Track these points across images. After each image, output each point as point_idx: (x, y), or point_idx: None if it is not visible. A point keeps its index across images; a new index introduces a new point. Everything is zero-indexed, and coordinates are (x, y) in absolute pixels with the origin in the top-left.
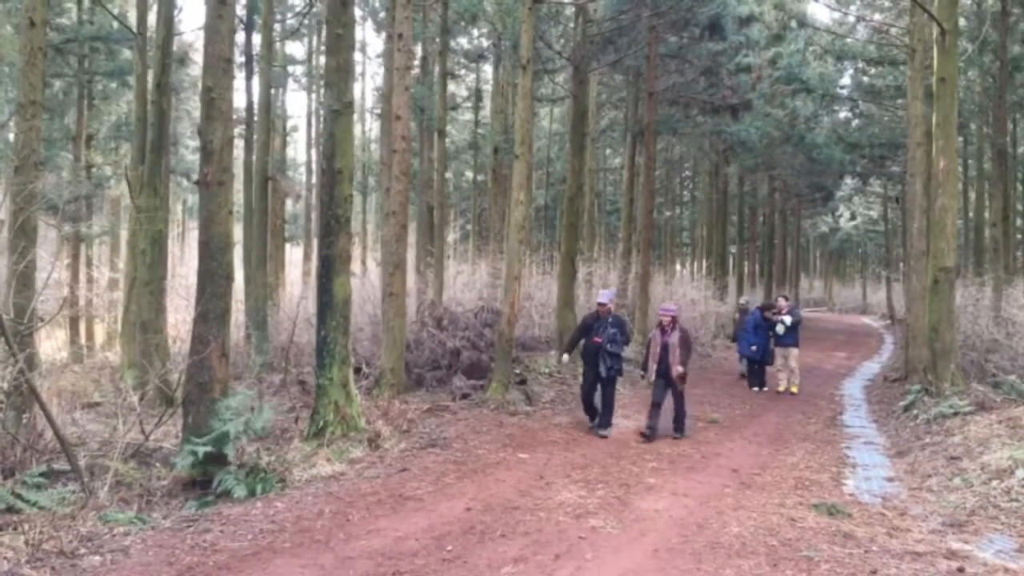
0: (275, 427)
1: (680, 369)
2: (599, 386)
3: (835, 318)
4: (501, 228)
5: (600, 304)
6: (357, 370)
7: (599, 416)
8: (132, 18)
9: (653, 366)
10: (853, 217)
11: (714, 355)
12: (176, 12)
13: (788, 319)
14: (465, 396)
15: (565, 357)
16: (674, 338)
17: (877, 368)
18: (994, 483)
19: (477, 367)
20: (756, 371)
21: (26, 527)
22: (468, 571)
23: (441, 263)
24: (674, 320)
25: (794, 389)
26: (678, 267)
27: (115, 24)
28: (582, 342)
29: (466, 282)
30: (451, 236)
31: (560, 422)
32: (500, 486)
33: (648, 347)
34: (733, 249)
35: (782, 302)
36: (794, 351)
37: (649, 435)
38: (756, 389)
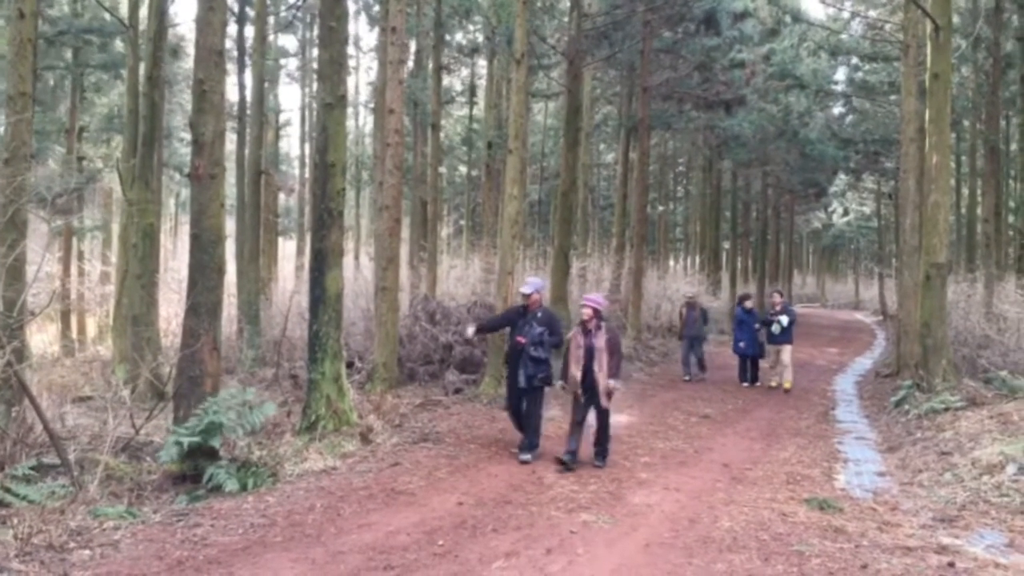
0: (267, 421)
1: (610, 384)
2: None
3: (828, 314)
4: (495, 223)
5: (524, 295)
6: (349, 364)
7: (523, 435)
8: (124, 10)
9: (576, 374)
10: (846, 213)
11: (705, 350)
12: (168, 4)
13: (785, 319)
14: (458, 391)
15: (470, 331)
16: (600, 340)
17: (869, 364)
18: (985, 478)
19: (470, 362)
20: (748, 366)
21: (15, 521)
22: (459, 566)
23: (434, 258)
24: (597, 316)
25: (787, 385)
26: (671, 262)
27: (107, 16)
28: (506, 345)
29: (459, 277)
30: (444, 231)
31: (552, 416)
32: (492, 480)
33: (567, 350)
34: (727, 244)
35: (776, 298)
36: (787, 347)
37: (568, 462)
38: (747, 384)
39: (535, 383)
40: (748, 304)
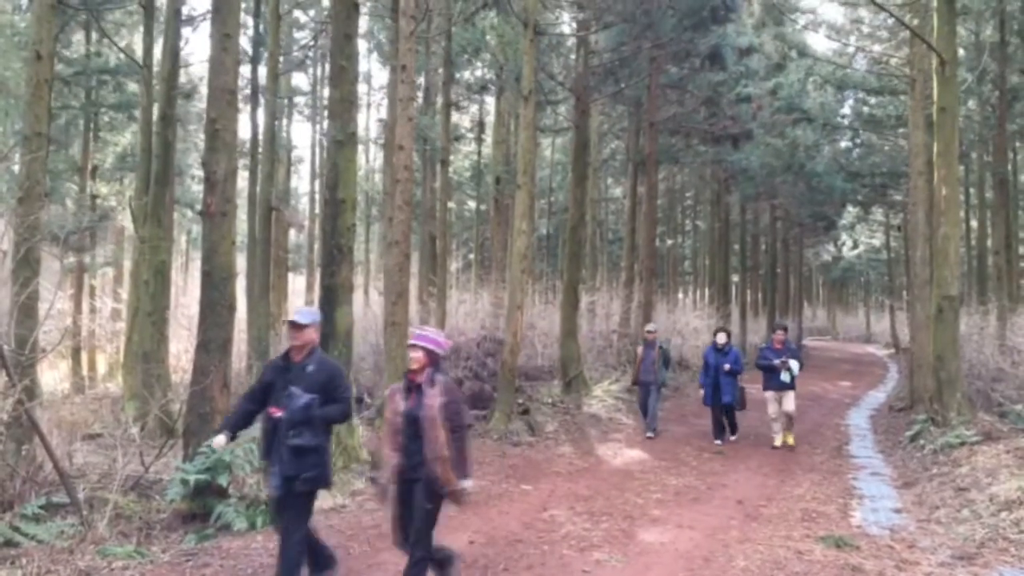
0: None
1: (459, 485)
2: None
3: (839, 347)
4: (503, 257)
5: (295, 327)
6: (359, 400)
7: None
8: (139, 51)
9: (392, 459)
10: (856, 246)
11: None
12: (182, 45)
13: (795, 365)
14: (468, 426)
15: (220, 440)
16: (431, 403)
17: (882, 397)
18: (1003, 514)
19: (480, 397)
20: (721, 421)
21: (24, 561)
22: None
23: (443, 292)
24: (431, 363)
25: (790, 440)
26: (681, 296)
27: (121, 57)
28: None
29: (468, 311)
30: (453, 265)
31: (563, 452)
32: (503, 518)
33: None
34: (736, 278)
35: (780, 335)
36: (790, 394)
37: None
38: (720, 442)
39: (297, 488)
40: (721, 339)
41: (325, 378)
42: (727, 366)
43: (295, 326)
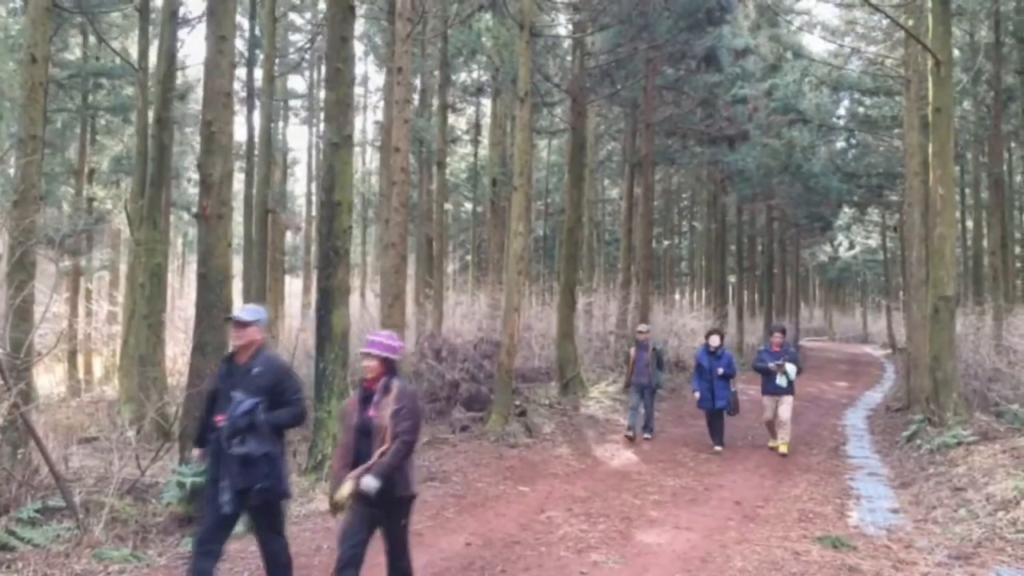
0: None
1: (365, 483)
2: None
3: (836, 347)
4: (500, 259)
5: (238, 325)
6: None
7: None
8: (134, 54)
9: (343, 472)
10: (852, 246)
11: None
12: (178, 47)
13: (792, 369)
14: (464, 428)
15: (197, 453)
16: (384, 413)
17: (879, 397)
18: (1000, 514)
19: (476, 399)
20: (716, 425)
21: (20, 565)
22: None
23: (440, 294)
24: (387, 371)
25: (783, 448)
26: (678, 297)
27: (117, 60)
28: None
29: (465, 313)
30: (450, 267)
31: (561, 454)
32: (500, 520)
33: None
34: (733, 279)
35: (777, 338)
36: (788, 399)
37: None
38: (719, 447)
39: (252, 503)
40: (714, 342)
41: (272, 380)
42: (720, 370)
43: (238, 324)
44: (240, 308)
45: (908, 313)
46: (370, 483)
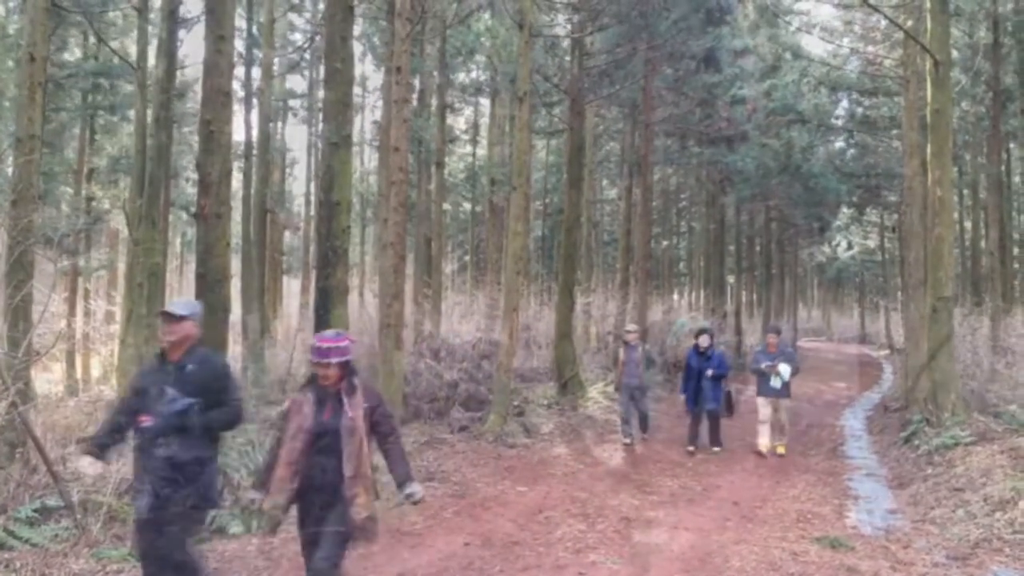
0: None
1: (414, 492)
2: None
3: (834, 347)
4: (498, 259)
5: (169, 319)
6: None
7: None
8: (133, 53)
9: (285, 479)
10: (850, 247)
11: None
12: (177, 47)
13: (786, 370)
14: (463, 428)
15: (85, 463)
16: (355, 413)
17: (877, 398)
18: (997, 515)
19: (475, 399)
20: (711, 426)
21: (18, 564)
22: None
23: (439, 294)
24: (346, 373)
25: (781, 449)
26: (676, 297)
27: (116, 59)
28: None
29: (463, 313)
30: (449, 267)
31: (559, 454)
32: (499, 520)
33: (279, 437)
34: (731, 279)
35: (772, 338)
36: (784, 402)
37: None
38: (692, 448)
39: (172, 511)
40: (704, 342)
41: (208, 378)
42: (710, 371)
43: (169, 318)
44: (172, 301)
45: (906, 314)
46: (415, 488)
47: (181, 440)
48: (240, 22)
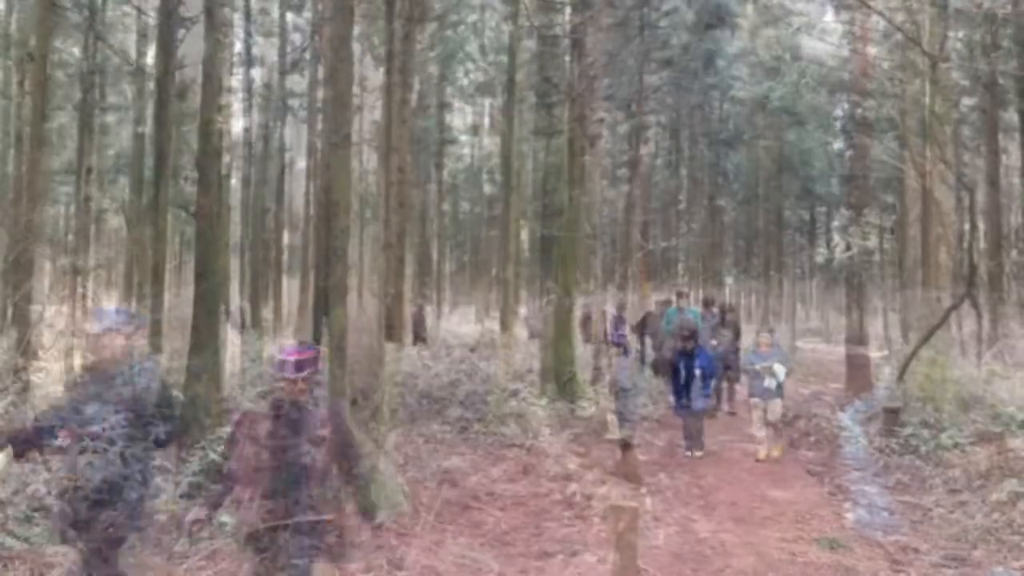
0: None
1: (350, 533)
2: None
3: (832, 348)
4: (498, 260)
5: (103, 328)
6: (353, 402)
7: None
8: (133, 53)
9: (245, 505)
10: (848, 248)
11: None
12: (177, 46)
13: (780, 371)
14: (462, 428)
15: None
16: (322, 433)
17: (875, 399)
18: (995, 516)
19: (473, 398)
20: (693, 428)
21: (16, 563)
22: None
23: (438, 294)
24: (309, 387)
25: (776, 452)
26: (674, 297)
27: (116, 59)
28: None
29: (463, 313)
30: (448, 268)
31: (557, 454)
32: (497, 520)
33: (231, 456)
34: (730, 280)
35: (765, 338)
36: (776, 403)
37: None
38: (689, 454)
39: (101, 532)
40: (689, 344)
41: (141, 392)
42: (698, 371)
43: (102, 327)
44: (102, 309)
45: (904, 315)
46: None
47: (112, 457)
48: (240, 21)
